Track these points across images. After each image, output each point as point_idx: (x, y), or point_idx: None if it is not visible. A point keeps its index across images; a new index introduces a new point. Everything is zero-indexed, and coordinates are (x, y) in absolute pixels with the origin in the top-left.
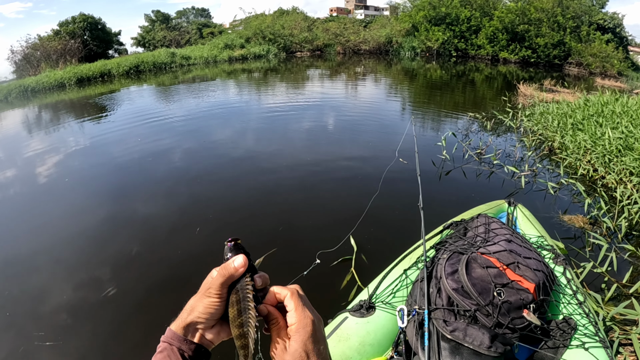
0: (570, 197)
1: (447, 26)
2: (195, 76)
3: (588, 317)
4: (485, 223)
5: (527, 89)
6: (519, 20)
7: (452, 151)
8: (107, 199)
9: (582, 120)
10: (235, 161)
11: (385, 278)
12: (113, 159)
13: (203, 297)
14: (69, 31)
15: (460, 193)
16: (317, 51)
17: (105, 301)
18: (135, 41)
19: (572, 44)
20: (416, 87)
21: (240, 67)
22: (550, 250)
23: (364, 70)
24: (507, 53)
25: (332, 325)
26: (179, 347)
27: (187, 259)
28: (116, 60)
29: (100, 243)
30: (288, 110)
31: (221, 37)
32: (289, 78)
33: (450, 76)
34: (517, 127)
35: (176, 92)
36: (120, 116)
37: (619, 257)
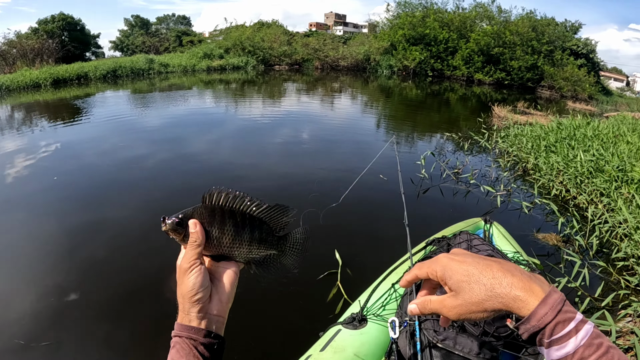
0: (543, 216)
1: (425, 46)
2: (172, 84)
3: None
4: (468, 240)
5: (501, 110)
6: (494, 43)
7: (430, 170)
8: (77, 205)
9: (555, 143)
10: (210, 171)
11: (374, 291)
12: (85, 164)
13: (185, 278)
14: (47, 30)
15: (438, 211)
16: (296, 65)
17: (71, 308)
18: (114, 45)
19: (545, 68)
20: (392, 105)
21: (218, 78)
22: (526, 264)
23: (341, 86)
24: (481, 75)
25: (325, 337)
26: (188, 337)
27: (160, 268)
28: (93, 63)
29: (67, 249)
30: (264, 123)
31: (200, 46)
32: (266, 91)
33: (425, 95)
34: (492, 147)
35: (153, 100)
36: (94, 121)
37: (591, 273)
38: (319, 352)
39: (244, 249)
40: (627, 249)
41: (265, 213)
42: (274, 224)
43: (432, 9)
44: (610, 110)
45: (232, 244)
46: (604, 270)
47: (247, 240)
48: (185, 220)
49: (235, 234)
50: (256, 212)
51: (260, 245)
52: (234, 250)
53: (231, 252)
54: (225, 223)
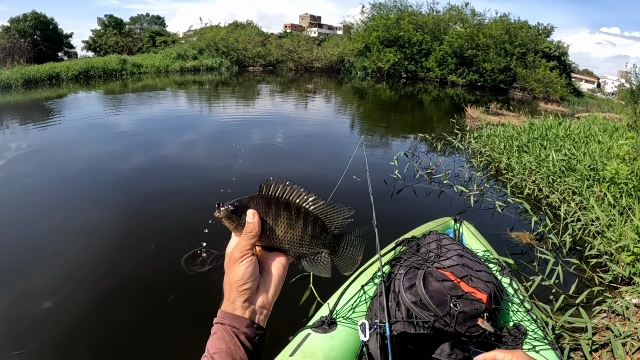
0: (516, 215)
1: (399, 48)
2: (145, 85)
3: (536, 323)
4: (437, 239)
5: (474, 111)
6: (467, 46)
7: (403, 170)
8: (47, 209)
9: (527, 143)
10: (182, 174)
11: (343, 294)
12: (56, 167)
13: (235, 268)
14: (19, 29)
15: (411, 211)
16: (270, 66)
17: (49, 317)
18: (87, 45)
19: (518, 70)
20: (366, 106)
21: (191, 79)
22: (496, 263)
23: (315, 87)
24: (455, 76)
25: (295, 342)
26: (231, 325)
27: (134, 272)
28: (66, 64)
29: (40, 257)
30: (238, 125)
31: (174, 46)
32: (240, 92)
33: (399, 97)
34: (466, 148)
35: (125, 101)
36: (66, 123)
37: (565, 270)
38: (289, 357)
39: (295, 242)
40: (599, 246)
41: (321, 209)
42: (329, 222)
43: (407, 12)
44: (582, 111)
45: (284, 237)
46: (577, 268)
47: (299, 235)
48: (241, 209)
49: (289, 227)
50: (312, 207)
51: (312, 241)
52: (285, 243)
53: (282, 245)
54: (280, 215)
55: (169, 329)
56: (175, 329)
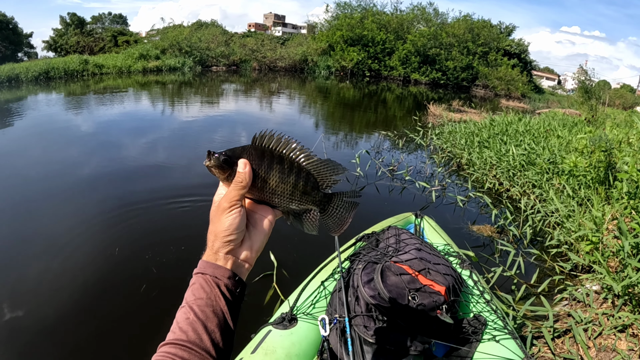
0: (478, 209)
1: (363, 47)
2: (107, 86)
3: (496, 313)
4: (396, 234)
5: (437, 109)
6: (430, 44)
7: (365, 168)
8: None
9: (488, 139)
10: (143, 175)
11: (304, 290)
12: (14, 172)
13: (223, 217)
14: None
15: (373, 208)
16: (233, 66)
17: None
18: (47, 45)
19: (480, 68)
20: (329, 105)
21: (154, 79)
22: (456, 256)
23: (278, 87)
24: (418, 75)
25: (256, 339)
26: (212, 275)
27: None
28: (25, 65)
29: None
30: (200, 125)
31: (136, 46)
32: (203, 93)
33: (362, 95)
34: (427, 145)
35: (87, 102)
36: (25, 126)
37: (526, 261)
38: (250, 354)
39: (285, 197)
40: (559, 237)
41: (314, 166)
42: (321, 179)
43: (371, 11)
44: (543, 107)
45: (274, 190)
46: (538, 258)
47: (290, 190)
48: (233, 159)
49: (280, 181)
50: (305, 162)
51: (302, 197)
52: (275, 197)
53: (272, 199)
54: (272, 168)
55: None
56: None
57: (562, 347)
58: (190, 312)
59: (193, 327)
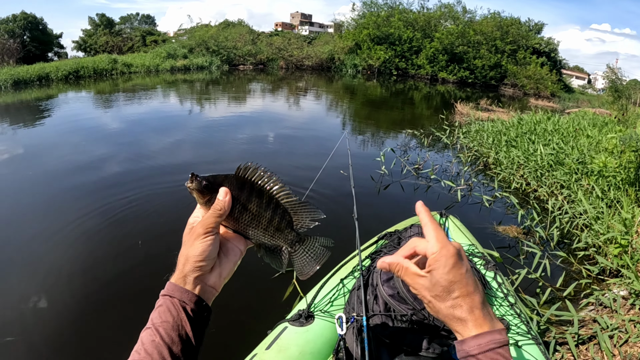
0: (504, 209)
1: (390, 45)
2: (135, 85)
3: (520, 317)
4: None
5: (464, 107)
6: (458, 42)
7: (390, 166)
8: (37, 212)
9: (516, 138)
10: (174, 172)
11: (322, 287)
12: (46, 169)
13: (196, 242)
14: (8, 30)
15: (397, 206)
16: (260, 65)
17: (37, 317)
18: (77, 45)
19: (509, 66)
20: (356, 103)
21: (182, 78)
22: (481, 257)
23: (305, 85)
24: (445, 73)
25: (271, 336)
26: (180, 299)
27: (130, 272)
28: (55, 64)
29: (31, 258)
30: (227, 123)
31: (164, 46)
32: (230, 91)
33: (390, 94)
34: (454, 143)
35: (115, 101)
36: (55, 123)
37: (552, 264)
38: (265, 350)
39: (259, 231)
40: (587, 239)
41: (291, 205)
42: (297, 220)
43: (397, 9)
44: (572, 106)
45: (249, 223)
46: (564, 261)
47: (265, 224)
48: (215, 185)
49: (257, 214)
50: (284, 200)
51: (276, 233)
52: (250, 229)
53: (246, 230)
54: (251, 200)
55: None
56: None
57: (586, 354)
58: (156, 334)
59: (159, 350)
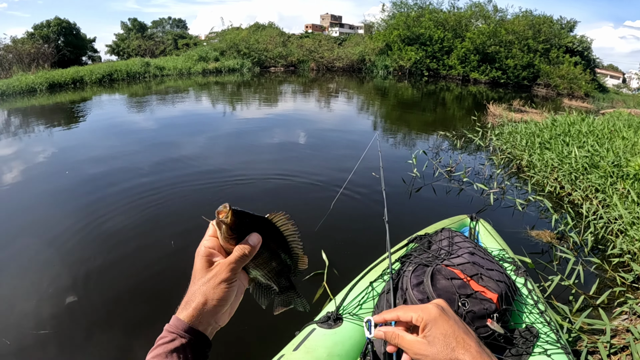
0: (537, 213)
1: (420, 46)
2: (168, 87)
3: (549, 326)
4: (449, 237)
5: (497, 109)
6: (490, 42)
7: (422, 169)
8: (72, 211)
9: (550, 140)
10: (204, 173)
11: (351, 290)
12: (80, 169)
13: (221, 286)
14: (43, 35)
15: (429, 209)
16: (291, 67)
17: (69, 314)
18: (110, 49)
19: (541, 66)
20: (387, 105)
21: (213, 80)
22: (511, 262)
23: (336, 87)
24: (477, 74)
25: (299, 337)
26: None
27: (162, 272)
28: (89, 68)
29: (65, 257)
30: (258, 124)
31: (196, 49)
32: (261, 93)
33: (421, 95)
34: (487, 145)
35: (148, 103)
36: (90, 125)
37: (586, 270)
38: (292, 351)
39: (262, 272)
40: (622, 245)
41: (296, 256)
42: (293, 269)
43: (427, 9)
44: (607, 107)
45: (258, 265)
46: (598, 267)
47: (271, 268)
48: (249, 228)
49: (268, 259)
50: (295, 251)
51: (274, 277)
52: (255, 270)
53: (249, 269)
54: (269, 247)
55: None
56: None
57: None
58: None
59: None
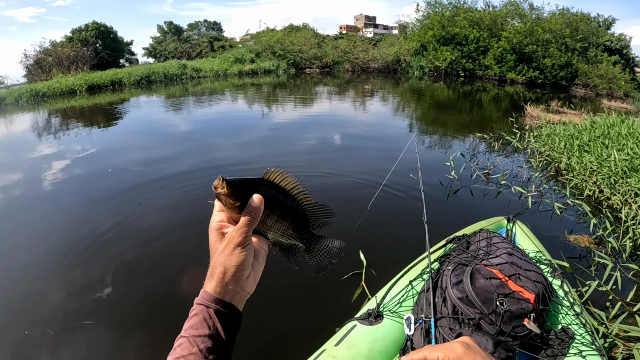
0: (576, 217)
1: (456, 46)
2: (204, 89)
3: (585, 327)
4: (487, 237)
5: (534, 110)
6: (527, 41)
7: (460, 171)
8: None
9: (589, 142)
10: (237, 175)
11: (392, 288)
12: (121, 167)
13: (236, 252)
14: (81, 38)
15: (467, 211)
16: (326, 68)
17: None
18: (147, 51)
19: (579, 65)
20: (423, 106)
21: (249, 82)
22: (548, 264)
23: (371, 88)
24: (514, 74)
25: (340, 333)
26: (215, 309)
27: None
28: (127, 70)
29: (101, 251)
30: (294, 125)
31: (232, 50)
32: (297, 94)
33: (457, 96)
34: (524, 148)
35: (185, 104)
36: (129, 125)
37: (624, 277)
38: (334, 346)
39: (279, 232)
40: None
41: (310, 207)
42: (313, 220)
43: (462, 8)
44: None
45: (272, 226)
46: (637, 274)
47: (286, 226)
48: (246, 191)
49: (280, 218)
50: (304, 203)
51: (294, 233)
52: (271, 231)
53: (267, 232)
54: (277, 205)
55: None
56: None
57: None
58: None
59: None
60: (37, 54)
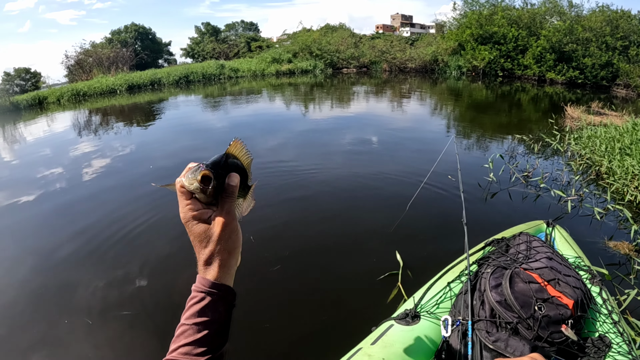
0: (616, 223)
1: (494, 45)
2: (242, 88)
3: (622, 337)
4: (527, 241)
5: (575, 111)
6: (566, 40)
7: (498, 173)
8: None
9: (630, 145)
10: (274, 174)
11: (429, 289)
12: (161, 164)
13: (234, 234)
14: (120, 40)
15: (505, 214)
16: (364, 68)
17: (147, 295)
18: (185, 52)
19: (620, 65)
20: (461, 106)
21: (287, 81)
22: (587, 270)
23: (409, 88)
24: (553, 74)
25: (377, 332)
26: (219, 295)
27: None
28: (166, 70)
29: (137, 245)
30: (332, 125)
31: (269, 51)
32: (334, 93)
33: (495, 96)
34: (565, 150)
35: (223, 103)
36: (166, 124)
37: None
38: (370, 345)
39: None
40: None
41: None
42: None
43: (500, 6)
44: None
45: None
46: None
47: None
48: (222, 172)
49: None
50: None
51: (240, 192)
52: None
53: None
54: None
55: None
56: None
57: None
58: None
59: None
60: (77, 54)
